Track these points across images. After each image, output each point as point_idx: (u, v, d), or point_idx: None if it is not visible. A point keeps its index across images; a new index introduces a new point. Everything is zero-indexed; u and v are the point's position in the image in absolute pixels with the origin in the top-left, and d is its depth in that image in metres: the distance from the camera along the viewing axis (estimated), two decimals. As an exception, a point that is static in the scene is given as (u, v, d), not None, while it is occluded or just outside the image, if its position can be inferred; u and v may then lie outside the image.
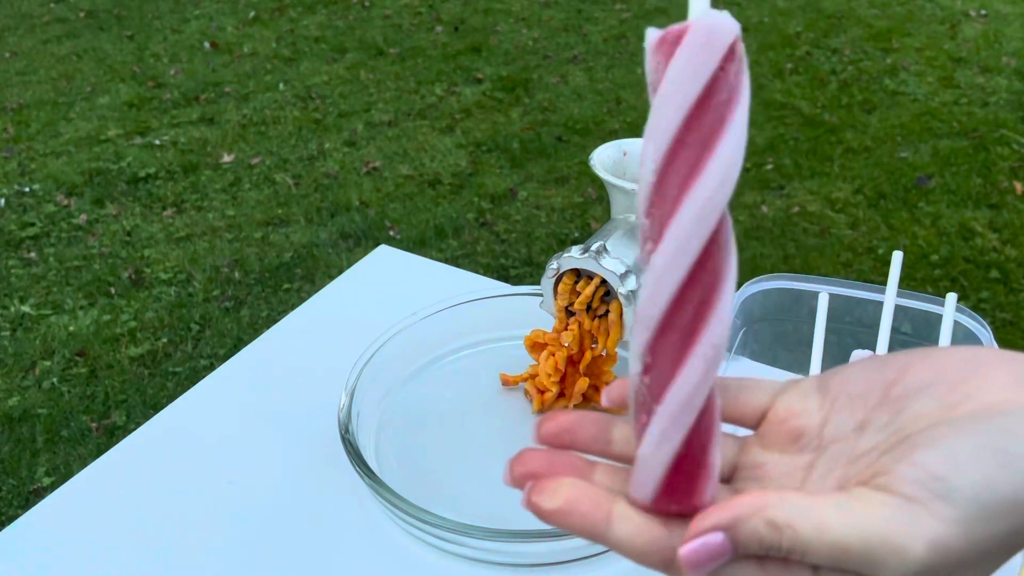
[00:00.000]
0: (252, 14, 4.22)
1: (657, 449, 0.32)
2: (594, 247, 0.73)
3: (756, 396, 0.37)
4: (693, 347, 0.31)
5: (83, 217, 2.73)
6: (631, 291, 0.73)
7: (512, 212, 2.68)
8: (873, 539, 0.29)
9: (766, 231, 2.54)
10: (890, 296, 0.75)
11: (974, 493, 0.29)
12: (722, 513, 0.30)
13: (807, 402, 0.36)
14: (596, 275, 0.74)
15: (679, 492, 0.32)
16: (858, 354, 0.70)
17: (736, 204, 2.66)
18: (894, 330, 0.75)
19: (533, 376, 0.80)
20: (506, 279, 2.31)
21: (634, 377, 0.33)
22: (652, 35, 0.31)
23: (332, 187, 2.84)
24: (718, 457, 0.33)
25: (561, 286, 0.76)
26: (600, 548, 0.67)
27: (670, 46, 0.31)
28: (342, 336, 0.86)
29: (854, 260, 2.42)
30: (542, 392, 0.79)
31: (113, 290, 2.41)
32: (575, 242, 2.13)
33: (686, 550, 0.30)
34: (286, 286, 2.40)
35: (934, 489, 0.29)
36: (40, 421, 1.99)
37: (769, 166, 2.85)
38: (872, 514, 0.29)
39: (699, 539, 0.30)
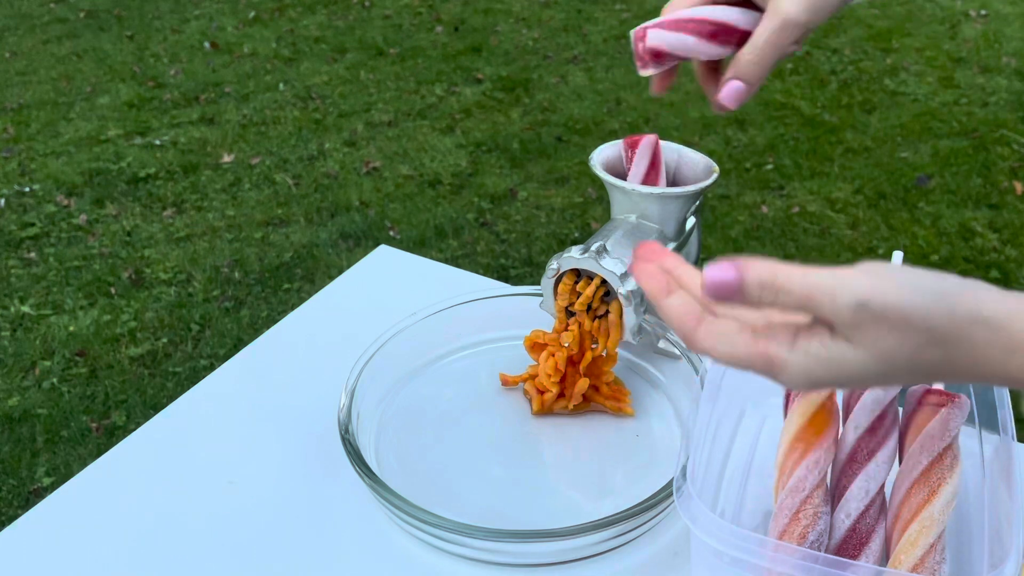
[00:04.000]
0: (252, 14, 4.22)
1: None
2: (594, 247, 0.73)
3: None
4: None
5: (83, 217, 2.73)
6: (631, 291, 0.72)
7: (512, 212, 2.68)
8: (836, 283, 0.42)
9: (766, 231, 2.54)
10: (890, 296, 0.74)
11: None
12: (737, 262, 0.42)
13: None
14: (596, 275, 0.74)
15: None
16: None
17: (736, 204, 2.66)
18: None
19: (533, 376, 0.80)
20: (506, 279, 2.31)
21: None
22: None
23: (332, 187, 2.84)
24: None
25: (561, 286, 0.76)
26: (599, 548, 0.67)
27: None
28: (342, 336, 0.86)
29: (854, 260, 2.41)
30: (542, 392, 0.79)
31: (113, 290, 2.41)
32: (575, 242, 2.13)
33: (708, 275, 0.42)
34: (286, 286, 2.40)
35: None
36: (40, 421, 1.99)
37: (769, 166, 2.85)
38: (836, 273, 0.42)
39: (718, 270, 0.42)
